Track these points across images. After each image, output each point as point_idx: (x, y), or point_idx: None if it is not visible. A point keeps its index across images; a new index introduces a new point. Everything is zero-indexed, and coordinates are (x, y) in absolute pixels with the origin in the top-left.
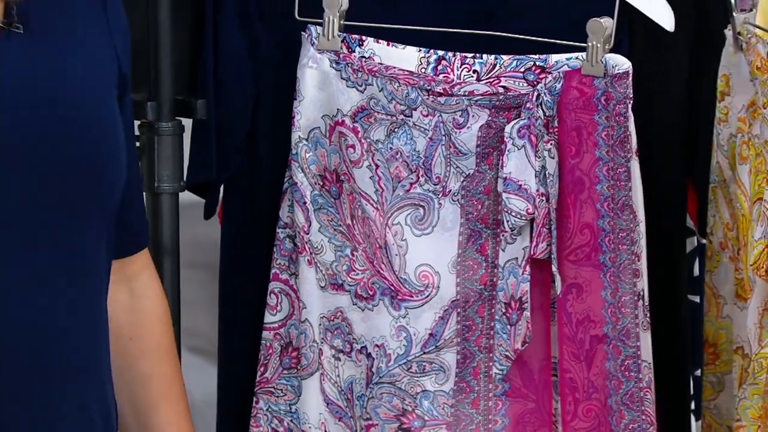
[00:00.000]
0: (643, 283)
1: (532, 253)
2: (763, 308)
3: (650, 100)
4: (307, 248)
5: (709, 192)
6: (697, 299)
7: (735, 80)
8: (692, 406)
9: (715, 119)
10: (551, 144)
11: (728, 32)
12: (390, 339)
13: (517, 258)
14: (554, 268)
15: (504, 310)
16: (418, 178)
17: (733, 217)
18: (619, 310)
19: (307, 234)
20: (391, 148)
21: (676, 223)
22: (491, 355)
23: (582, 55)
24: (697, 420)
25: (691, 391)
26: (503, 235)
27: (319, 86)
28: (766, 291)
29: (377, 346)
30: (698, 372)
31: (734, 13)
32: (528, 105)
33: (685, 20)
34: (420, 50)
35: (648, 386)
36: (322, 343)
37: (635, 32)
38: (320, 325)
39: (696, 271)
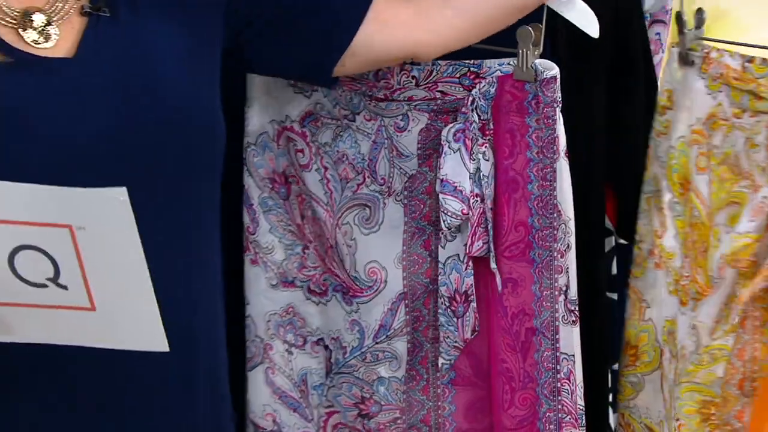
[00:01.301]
0: (566, 279)
1: (468, 251)
2: (724, 303)
3: (572, 107)
4: (251, 248)
5: (642, 201)
6: (614, 296)
7: (680, 95)
8: (610, 399)
9: (651, 131)
10: (486, 146)
11: (674, 49)
12: (345, 332)
13: (458, 254)
14: (493, 265)
15: (448, 304)
16: (365, 179)
17: (662, 225)
18: (543, 304)
19: (253, 235)
20: (337, 151)
21: (596, 223)
22: (437, 345)
23: (513, 60)
24: (614, 412)
25: (609, 384)
26: (442, 233)
27: (267, 92)
28: (733, 285)
29: (333, 339)
30: (615, 366)
31: (684, 31)
32: (463, 109)
33: (604, 29)
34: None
35: (566, 378)
36: (272, 338)
37: (557, 40)
38: (269, 321)
39: (614, 270)
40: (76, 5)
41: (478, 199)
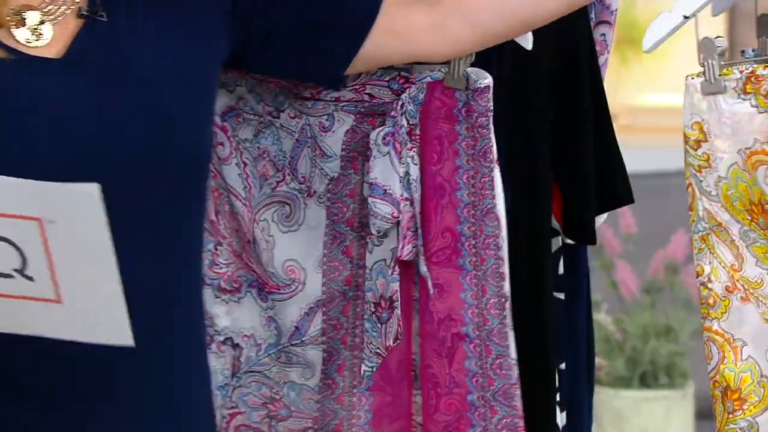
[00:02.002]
0: (507, 286)
1: (399, 255)
2: None
3: (519, 107)
4: None
5: (696, 242)
6: (562, 296)
7: (713, 125)
8: (558, 398)
9: (688, 169)
10: (414, 151)
11: (692, 81)
12: (261, 329)
13: (385, 259)
14: (423, 269)
15: (373, 310)
16: (284, 177)
17: (738, 258)
18: (488, 311)
19: None
20: (258, 148)
21: (543, 224)
22: (356, 352)
23: (445, 67)
24: (561, 411)
25: (557, 384)
26: (370, 238)
27: None
28: None
29: (246, 336)
30: (563, 365)
31: (710, 61)
32: (392, 113)
33: (549, 36)
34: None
35: (516, 382)
36: None
37: (503, 47)
38: None
39: (561, 270)
40: (73, 6)
41: (408, 202)
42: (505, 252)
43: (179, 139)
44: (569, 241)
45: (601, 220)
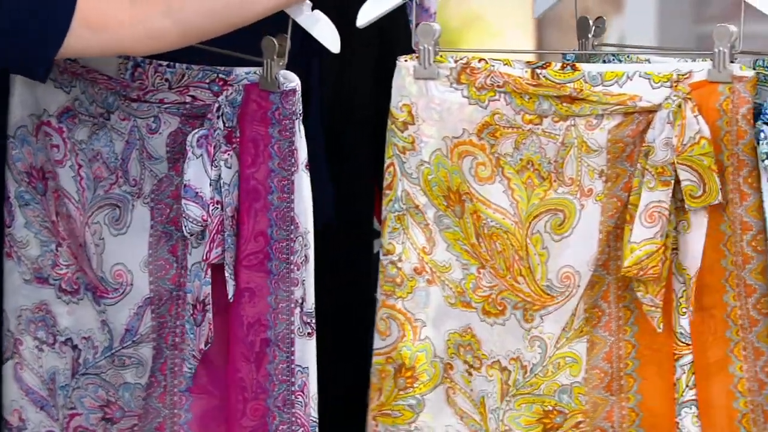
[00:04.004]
0: (302, 292)
1: (205, 258)
2: (572, 312)
3: (341, 111)
4: (6, 241)
5: (390, 221)
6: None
7: (421, 110)
8: None
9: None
10: (229, 154)
11: (404, 63)
12: (97, 332)
13: (200, 262)
14: (227, 273)
15: (191, 311)
16: (117, 179)
17: (429, 241)
18: (278, 316)
19: (9, 228)
20: (93, 149)
21: (365, 226)
22: (177, 352)
23: (260, 70)
24: None
25: None
26: (190, 239)
27: (27, 85)
28: (584, 293)
29: (84, 338)
30: None
31: (425, 46)
32: (209, 116)
33: (370, 40)
34: (119, 57)
35: (300, 390)
36: (22, 334)
37: (324, 50)
38: (20, 316)
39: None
40: None
41: (219, 206)
42: (302, 257)
43: None
44: None
45: None
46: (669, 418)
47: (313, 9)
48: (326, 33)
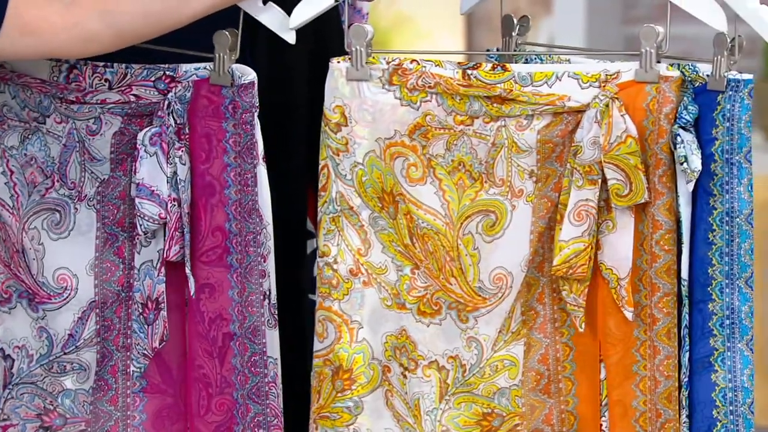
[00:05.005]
0: (269, 283)
1: (165, 256)
2: (508, 313)
3: (274, 107)
4: None
5: (325, 222)
6: (316, 298)
7: (354, 111)
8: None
9: (325, 151)
10: (182, 151)
11: (337, 64)
12: (32, 340)
13: (152, 260)
14: (188, 270)
15: (141, 311)
16: (54, 183)
17: (365, 243)
18: (247, 308)
19: None
20: (25, 155)
21: (299, 226)
22: (128, 353)
23: (210, 65)
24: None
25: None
26: (138, 238)
27: None
28: (518, 294)
29: (17, 347)
30: None
31: (357, 47)
32: (160, 113)
33: (305, 38)
34: (51, 60)
35: (273, 381)
36: None
37: (257, 47)
38: None
39: (315, 272)
40: None
41: (176, 203)
42: (267, 249)
43: None
44: None
45: None
46: (596, 421)
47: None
48: (281, 23)
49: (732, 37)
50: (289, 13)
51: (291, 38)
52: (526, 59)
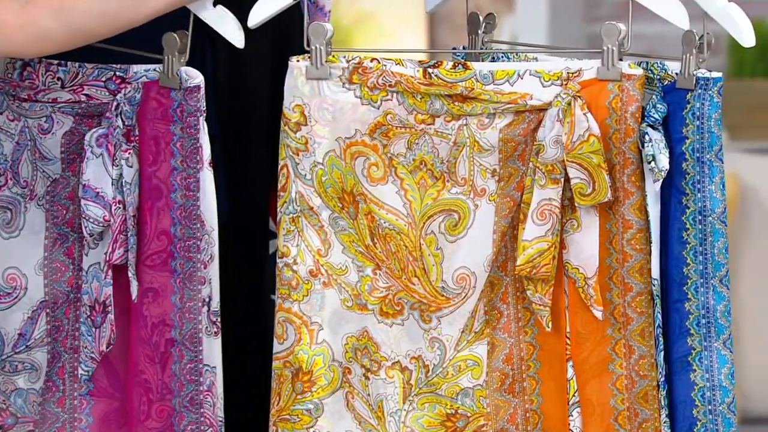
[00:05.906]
0: (209, 290)
1: (108, 259)
2: (471, 313)
3: (235, 107)
4: None
5: (285, 223)
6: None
7: (314, 110)
8: None
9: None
10: (129, 153)
11: (296, 63)
12: None
13: (100, 263)
14: (131, 274)
15: (89, 313)
16: (7, 181)
17: (325, 243)
18: (185, 315)
19: None
20: None
21: (260, 227)
22: (77, 355)
23: (159, 66)
24: None
25: None
26: (86, 240)
27: None
28: (482, 294)
29: None
30: None
31: (317, 46)
32: (107, 114)
33: (264, 36)
34: (7, 57)
35: (209, 390)
36: None
37: (217, 48)
38: None
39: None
40: None
41: (121, 206)
42: (209, 255)
43: None
44: None
45: None
46: (563, 420)
47: (215, 4)
48: (230, 28)
49: (701, 35)
50: (247, 13)
51: (240, 42)
52: (493, 57)
